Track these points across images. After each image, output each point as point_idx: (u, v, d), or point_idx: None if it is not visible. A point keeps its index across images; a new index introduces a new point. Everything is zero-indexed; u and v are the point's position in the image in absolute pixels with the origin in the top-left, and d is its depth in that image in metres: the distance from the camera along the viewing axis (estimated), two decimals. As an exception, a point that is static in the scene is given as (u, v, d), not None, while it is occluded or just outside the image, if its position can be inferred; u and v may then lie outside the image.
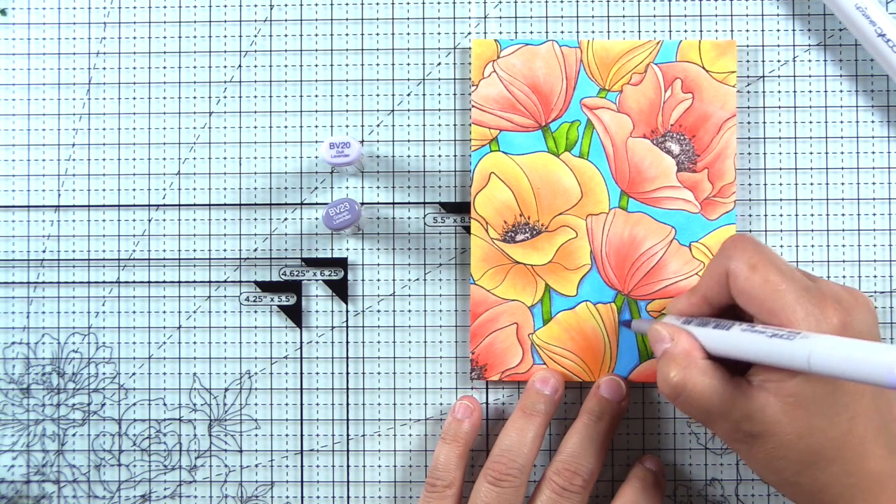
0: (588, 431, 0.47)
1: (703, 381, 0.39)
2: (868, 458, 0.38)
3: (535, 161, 0.49)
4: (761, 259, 0.39)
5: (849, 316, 0.38)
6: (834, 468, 0.38)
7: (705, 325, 0.41)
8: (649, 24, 0.51)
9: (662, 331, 0.42)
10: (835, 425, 0.37)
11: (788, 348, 0.35)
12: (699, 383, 0.39)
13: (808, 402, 0.37)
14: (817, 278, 0.41)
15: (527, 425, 0.47)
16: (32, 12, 0.52)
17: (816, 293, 0.38)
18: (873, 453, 0.38)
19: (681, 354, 0.40)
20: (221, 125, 0.51)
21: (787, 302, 0.37)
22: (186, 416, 0.51)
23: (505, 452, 0.46)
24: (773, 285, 0.38)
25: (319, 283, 0.51)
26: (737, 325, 0.39)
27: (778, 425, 0.37)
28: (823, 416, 0.37)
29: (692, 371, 0.39)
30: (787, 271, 0.39)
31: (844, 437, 0.37)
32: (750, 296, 0.39)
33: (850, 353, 0.32)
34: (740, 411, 0.38)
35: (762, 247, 0.40)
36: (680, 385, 0.39)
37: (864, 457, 0.38)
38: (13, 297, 0.51)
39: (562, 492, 0.45)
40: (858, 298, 0.39)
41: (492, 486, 0.46)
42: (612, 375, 0.49)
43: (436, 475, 0.47)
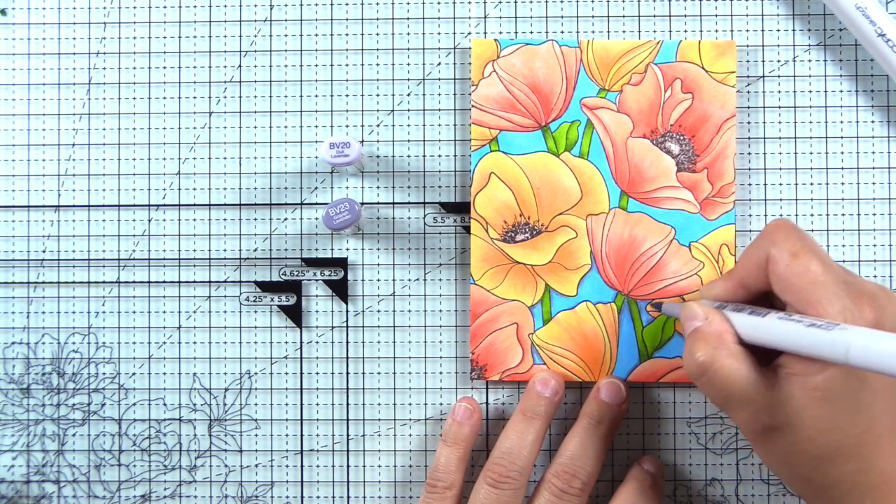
0: (588, 434, 0.47)
1: (730, 365, 0.38)
2: (881, 457, 0.37)
3: (535, 161, 0.49)
4: (804, 247, 0.39)
5: (882, 315, 0.37)
6: (849, 465, 0.37)
7: (740, 311, 0.40)
8: (649, 24, 0.51)
9: (698, 309, 0.41)
10: (856, 423, 0.37)
11: (827, 339, 0.34)
12: (726, 366, 0.38)
13: (833, 398, 0.36)
14: (855, 275, 0.40)
15: (527, 428, 0.47)
16: (32, 12, 0.52)
17: (854, 288, 0.38)
18: (886, 451, 0.38)
19: (712, 334, 0.39)
20: (221, 125, 0.51)
21: (826, 294, 0.37)
22: (186, 416, 0.51)
23: (505, 455, 0.46)
24: (814, 276, 0.38)
25: (319, 283, 0.51)
26: (773, 312, 0.38)
27: (800, 419, 0.37)
28: (846, 413, 0.37)
29: (721, 352, 0.38)
30: (828, 263, 0.38)
31: (863, 436, 0.37)
32: (789, 283, 0.38)
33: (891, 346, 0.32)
34: (763, 401, 0.38)
35: (805, 234, 0.40)
36: (706, 364, 0.39)
37: (878, 455, 0.37)
38: (13, 297, 0.51)
39: (560, 494, 0.45)
40: (892, 297, 0.39)
41: (491, 489, 0.46)
42: (612, 378, 0.49)
43: (436, 476, 0.47)
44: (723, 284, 0.43)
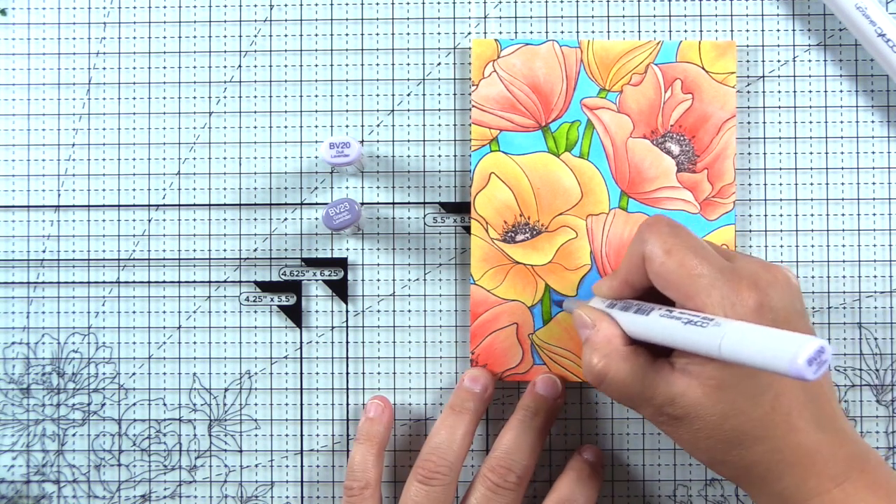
0: (523, 428, 0.47)
1: (623, 368, 0.39)
2: (795, 433, 0.38)
3: (536, 161, 0.49)
4: (676, 242, 0.39)
5: (765, 296, 0.38)
6: (761, 446, 0.38)
7: (628, 309, 0.41)
8: (649, 24, 0.51)
9: (585, 316, 0.42)
10: (758, 405, 0.37)
11: (701, 336, 0.35)
12: (620, 370, 0.39)
13: (729, 385, 0.37)
14: (736, 255, 0.41)
15: (456, 423, 0.47)
16: (32, 12, 0.52)
17: (732, 275, 0.38)
18: (800, 428, 0.38)
19: (602, 341, 0.40)
20: (221, 125, 0.51)
21: (702, 286, 0.37)
22: (186, 416, 0.51)
23: (434, 450, 0.46)
24: (688, 269, 0.38)
25: (319, 283, 0.51)
26: (656, 309, 0.39)
27: (701, 408, 0.37)
28: (746, 397, 0.37)
29: (613, 358, 0.39)
30: (702, 253, 0.39)
31: (769, 416, 0.37)
32: (666, 280, 0.39)
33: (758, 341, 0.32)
34: (663, 396, 0.38)
35: (678, 228, 0.40)
36: (602, 372, 0.39)
37: (790, 432, 0.38)
38: (13, 297, 0.51)
39: (496, 488, 0.45)
40: (777, 275, 0.39)
41: (421, 485, 0.46)
42: (549, 373, 0.49)
43: (352, 477, 0.47)
44: (608, 284, 0.43)
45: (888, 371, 0.50)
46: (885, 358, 0.50)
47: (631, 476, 0.50)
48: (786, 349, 0.30)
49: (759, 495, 0.40)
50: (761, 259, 0.41)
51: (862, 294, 0.50)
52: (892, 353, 0.50)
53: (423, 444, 0.47)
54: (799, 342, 0.30)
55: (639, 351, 0.40)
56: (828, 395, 0.39)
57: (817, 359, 0.30)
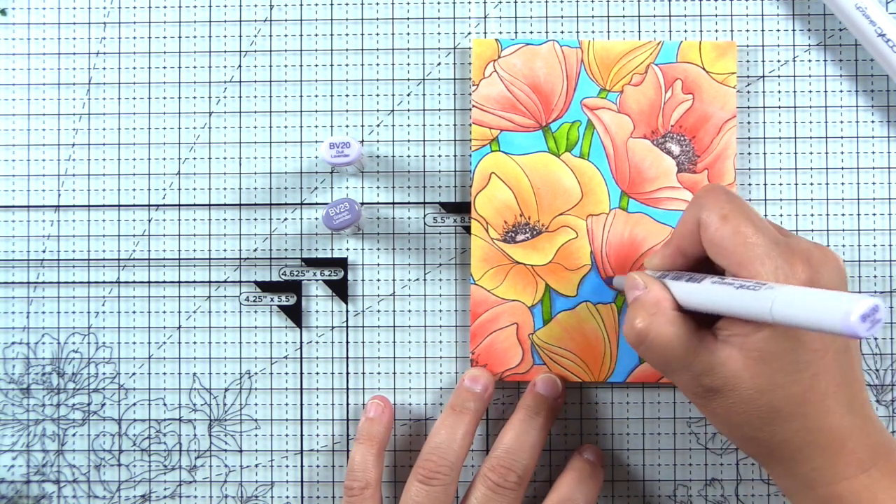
0: (524, 427, 0.47)
1: (667, 330, 0.38)
2: (828, 415, 0.37)
3: (536, 161, 0.49)
4: (733, 209, 0.39)
5: (817, 273, 0.37)
6: (794, 424, 0.38)
7: (679, 279, 0.40)
8: (649, 24, 0.51)
9: (637, 278, 0.41)
10: (796, 382, 0.37)
11: (753, 298, 0.34)
12: (664, 332, 0.38)
13: (771, 358, 0.37)
14: (790, 233, 0.40)
15: (456, 423, 0.47)
16: (32, 12, 0.52)
17: (786, 248, 0.38)
18: (833, 410, 0.38)
19: (650, 302, 0.40)
20: (221, 125, 0.51)
21: (757, 254, 0.37)
22: (186, 416, 0.51)
23: (434, 450, 0.46)
24: (744, 237, 0.38)
25: (319, 283, 0.51)
26: (709, 277, 0.38)
27: (739, 380, 0.37)
28: (785, 373, 0.37)
29: (659, 319, 0.39)
30: (758, 223, 0.38)
31: (805, 394, 0.37)
32: (720, 247, 0.38)
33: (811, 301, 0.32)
34: (702, 364, 0.38)
35: (735, 197, 0.40)
36: (644, 331, 0.39)
37: (824, 413, 0.37)
38: (13, 297, 0.51)
39: (496, 488, 0.45)
40: (829, 256, 0.39)
41: (422, 485, 0.46)
42: (549, 373, 0.49)
43: (352, 477, 0.47)
44: (661, 253, 0.43)
45: (888, 371, 0.50)
46: (885, 358, 0.50)
47: (631, 476, 0.50)
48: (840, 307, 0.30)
49: (785, 475, 0.39)
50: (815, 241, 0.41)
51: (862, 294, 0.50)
52: (892, 353, 0.50)
53: (424, 444, 0.47)
54: (853, 299, 0.30)
55: (685, 317, 0.39)
56: (861, 382, 0.39)
57: (871, 316, 0.29)
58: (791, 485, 0.39)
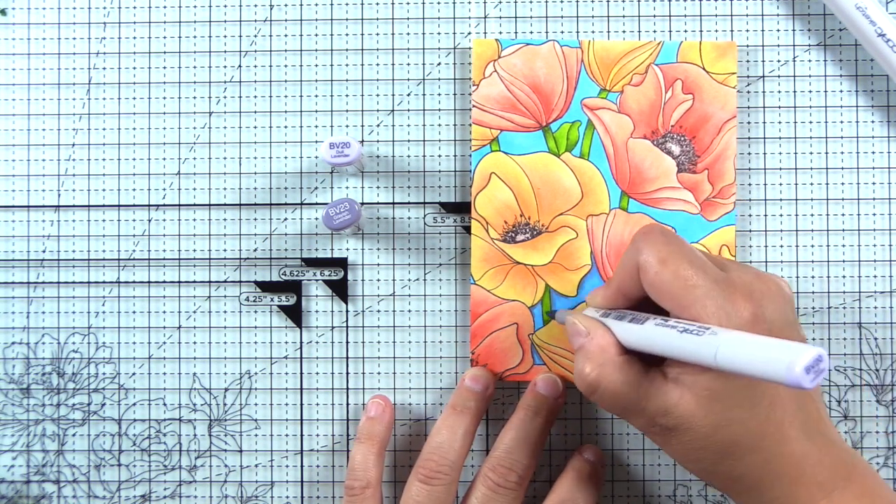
0: (524, 427, 0.47)
1: (617, 378, 0.38)
2: (785, 443, 0.38)
3: (536, 161, 0.49)
4: (671, 252, 0.39)
5: (760, 307, 0.37)
6: (752, 457, 0.38)
7: (622, 319, 0.40)
8: (649, 24, 0.51)
9: (579, 324, 0.41)
10: (752, 416, 0.37)
11: (697, 344, 0.34)
12: (614, 381, 0.38)
13: (723, 396, 0.37)
14: (730, 265, 0.40)
15: (457, 422, 0.47)
16: (32, 12, 0.52)
17: (727, 286, 0.38)
18: (791, 438, 0.38)
19: (596, 350, 0.40)
20: (221, 125, 0.51)
21: (698, 297, 0.37)
22: (186, 416, 0.51)
23: (435, 450, 0.46)
24: (684, 279, 0.38)
25: (319, 283, 0.51)
26: (651, 318, 0.38)
27: (693, 419, 0.37)
28: (740, 408, 0.37)
29: (607, 368, 0.39)
30: (697, 263, 0.38)
31: (762, 427, 0.37)
32: (661, 290, 0.38)
33: (755, 350, 0.32)
34: (655, 406, 0.38)
35: (672, 237, 0.40)
36: (595, 383, 0.39)
37: (782, 443, 0.38)
38: (13, 297, 0.51)
39: (496, 488, 0.45)
40: (771, 286, 0.39)
41: (423, 485, 0.46)
42: (550, 373, 0.49)
43: (353, 476, 0.47)
44: (602, 293, 0.43)
45: (888, 371, 0.50)
46: (885, 358, 0.50)
47: (631, 476, 0.50)
48: (783, 357, 0.30)
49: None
50: (755, 268, 0.41)
51: (862, 294, 0.50)
52: (892, 353, 0.50)
53: (424, 444, 0.47)
54: (797, 350, 0.30)
55: (633, 360, 0.39)
56: (817, 404, 0.39)
57: (815, 367, 0.30)
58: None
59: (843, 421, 0.50)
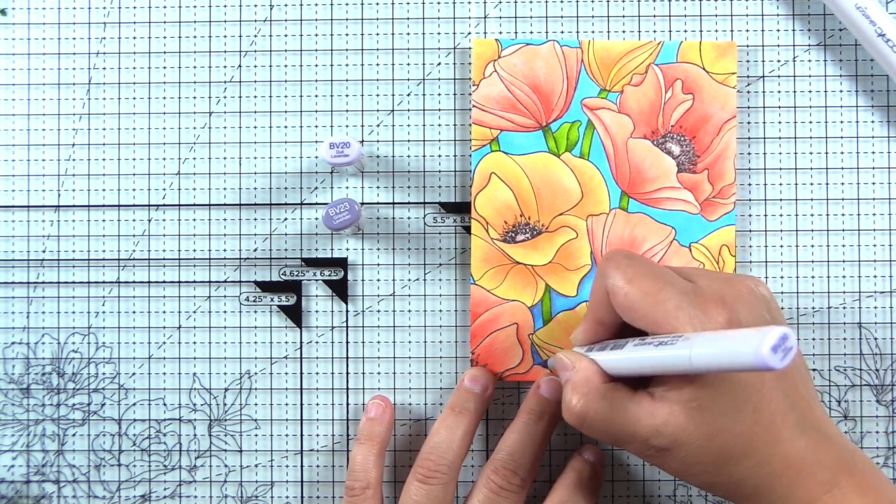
0: (528, 430, 0.47)
1: (602, 406, 0.39)
2: (780, 444, 0.38)
3: (536, 161, 0.49)
4: (637, 271, 0.39)
5: (733, 312, 0.38)
6: (747, 462, 0.38)
7: (604, 349, 0.40)
8: (649, 23, 0.51)
9: (564, 359, 0.42)
10: (739, 421, 0.37)
11: (673, 352, 0.35)
12: (599, 408, 0.39)
13: (710, 404, 0.37)
14: (698, 274, 0.40)
15: (456, 423, 0.47)
16: (32, 12, 0.52)
17: (696, 296, 0.38)
18: (784, 438, 0.38)
19: (580, 381, 0.40)
20: (221, 125, 0.51)
21: (668, 310, 0.37)
22: (186, 416, 0.51)
23: (434, 450, 0.46)
24: (652, 296, 0.38)
25: (319, 283, 0.51)
26: (630, 341, 0.39)
27: (685, 433, 0.37)
28: (727, 415, 0.37)
29: (592, 396, 0.39)
30: (665, 278, 0.39)
31: (751, 430, 0.37)
32: (632, 310, 0.39)
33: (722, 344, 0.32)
34: (647, 428, 0.38)
35: (636, 258, 0.40)
36: (582, 413, 0.39)
37: (774, 444, 0.38)
38: (13, 297, 0.51)
39: (499, 490, 0.45)
40: (742, 289, 0.39)
41: (421, 484, 0.46)
42: (553, 375, 0.49)
43: (353, 477, 0.47)
44: (582, 329, 0.43)
45: (888, 371, 0.50)
46: (885, 358, 0.50)
47: (631, 476, 0.50)
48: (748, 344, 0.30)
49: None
50: (725, 273, 0.41)
51: (862, 294, 0.50)
52: (892, 353, 0.50)
53: (423, 444, 0.47)
54: (761, 334, 0.30)
55: (617, 387, 0.39)
56: (809, 401, 0.39)
57: (781, 345, 0.30)
58: None
59: (844, 421, 0.50)
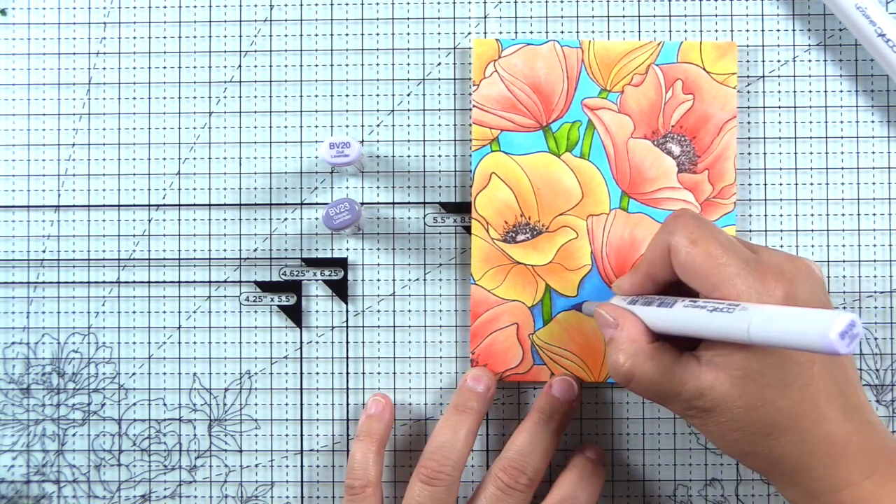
0: (537, 430, 0.47)
1: (651, 366, 0.39)
2: (824, 424, 0.37)
3: (536, 161, 0.49)
4: (702, 233, 0.39)
5: (792, 287, 0.37)
6: (789, 437, 0.38)
7: (650, 304, 0.40)
8: (649, 23, 0.51)
9: (607, 315, 0.41)
10: (786, 395, 0.37)
11: (729, 321, 0.34)
12: (647, 369, 0.39)
13: (757, 375, 0.37)
14: (760, 248, 0.40)
15: (459, 423, 0.47)
16: (32, 12, 0.52)
17: (757, 266, 0.38)
18: (829, 418, 0.37)
19: (627, 340, 0.40)
20: (221, 125, 0.51)
21: (728, 275, 0.37)
22: (186, 416, 0.51)
23: (437, 450, 0.46)
24: (714, 259, 0.38)
25: (319, 283, 0.51)
26: (680, 301, 0.38)
27: (728, 399, 0.37)
28: (774, 388, 0.37)
29: (639, 357, 0.39)
30: (728, 244, 0.38)
31: (797, 406, 0.37)
32: (692, 270, 0.38)
33: (787, 321, 0.32)
34: (691, 390, 0.38)
35: (703, 221, 0.40)
36: (629, 372, 0.39)
37: (819, 423, 0.37)
38: (13, 297, 0.51)
39: (506, 489, 0.45)
40: (801, 267, 0.39)
41: (424, 486, 0.46)
42: (565, 375, 0.49)
43: (353, 475, 0.47)
44: (629, 279, 0.43)
45: (888, 371, 0.50)
46: (885, 358, 0.50)
47: (631, 476, 0.50)
48: (817, 325, 0.30)
49: (788, 486, 0.39)
50: (785, 252, 0.41)
51: (862, 294, 0.50)
52: (892, 353, 0.50)
53: (426, 444, 0.47)
54: (830, 317, 0.30)
55: (664, 347, 0.39)
56: (855, 387, 0.39)
57: (849, 332, 0.29)
58: (795, 495, 0.39)
59: (843, 421, 0.50)
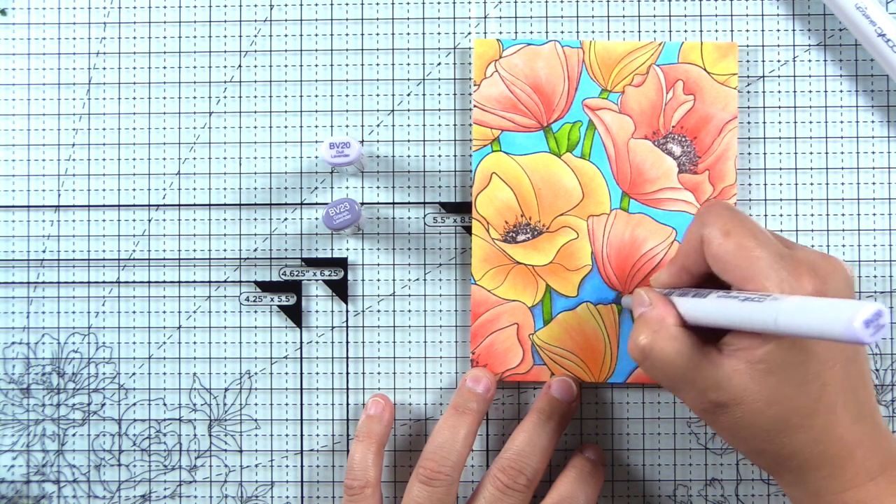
0: (536, 430, 0.47)
1: (670, 346, 0.38)
2: (837, 425, 0.38)
3: (537, 161, 0.49)
4: (735, 224, 0.39)
5: (824, 284, 0.37)
6: (802, 435, 0.38)
7: (685, 295, 0.40)
8: (649, 24, 0.51)
9: (644, 295, 0.41)
10: (805, 393, 0.37)
11: (758, 310, 0.34)
12: (666, 348, 0.38)
13: (778, 370, 0.37)
14: (794, 244, 0.40)
15: (458, 423, 0.47)
16: (32, 12, 0.52)
17: (791, 260, 0.37)
18: (842, 420, 0.38)
19: (654, 318, 0.40)
20: (221, 125, 0.51)
21: (761, 268, 0.37)
22: (186, 416, 0.51)
23: (436, 450, 0.46)
24: (748, 251, 0.38)
25: (319, 283, 0.51)
26: (714, 293, 0.38)
27: (746, 392, 0.37)
28: (793, 384, 0.37)
29: (661, 335, 0.39)
30: (761, 237, 0.38)
31: (814, 405, 0.37)
32: (724, 262, 0.38)
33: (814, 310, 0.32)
34: (707, 380, 0.38)
35: (737, 212, 0.40)
36: (647, 348, 0.39)
37: (833, 424, 0.37)
38: (13, 297, 0.51)
39: (505, 489, 0.45)
40: (835, 265, 0.39)
41: (423, 486, 0.46)
42: (564, 376, 0.49)
43: (352, 476, 0.47)
44: (667, 271, 0.43)
45: (888, 371, 0.50)
46: (885, 358, 0.50)
47: (631, 476, 0.50)
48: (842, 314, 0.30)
49: (793, 485, 0.39)
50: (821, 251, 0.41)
51: (862, 294, 0.50)
52: (892, 353, 0.50)
53: (426, 445, 0.47)
54: (856, 305, 0.30)
55: (689, 333, 0.39)
56: (869, 391, 0.39)
57: (875, 321, 0.29)
58: (799, 494, 0.39)
59: (843, 421, 0.50)
